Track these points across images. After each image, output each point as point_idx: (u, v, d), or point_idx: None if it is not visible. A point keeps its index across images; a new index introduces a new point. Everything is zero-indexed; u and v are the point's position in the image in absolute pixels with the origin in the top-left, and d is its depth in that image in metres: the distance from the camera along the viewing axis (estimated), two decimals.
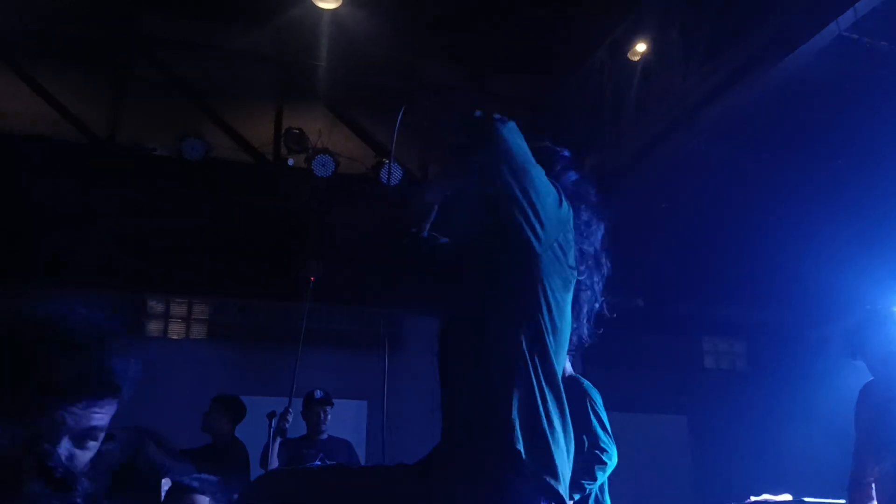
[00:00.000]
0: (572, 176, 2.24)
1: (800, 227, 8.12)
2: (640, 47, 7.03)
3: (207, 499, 2.96)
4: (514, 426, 1.81)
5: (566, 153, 2.29)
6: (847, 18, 5.18)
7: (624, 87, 7.23)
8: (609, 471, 4.19)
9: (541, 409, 1.86)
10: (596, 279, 2.23)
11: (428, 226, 2.27)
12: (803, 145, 7.30)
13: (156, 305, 8.85)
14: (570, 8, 7.39)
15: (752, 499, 7.52)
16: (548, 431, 1.84)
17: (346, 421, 6.70)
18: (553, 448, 1.83)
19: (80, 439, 1.37)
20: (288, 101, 7.90)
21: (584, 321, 2.21)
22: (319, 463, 5.30)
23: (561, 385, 1.93)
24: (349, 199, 7.71)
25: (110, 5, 7.66)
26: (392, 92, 8.30)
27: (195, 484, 3.08)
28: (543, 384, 1.90)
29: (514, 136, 1.96)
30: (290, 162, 7.58)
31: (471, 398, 1.93)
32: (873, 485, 3.63)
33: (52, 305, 1.39)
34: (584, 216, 2.19)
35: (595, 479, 4.09)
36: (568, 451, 1.89)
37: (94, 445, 1.40)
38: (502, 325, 1.94)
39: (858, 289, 6.59)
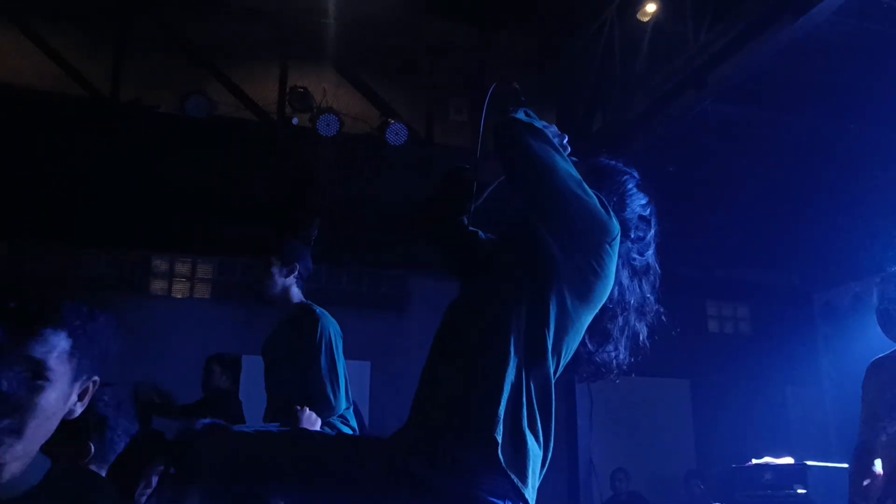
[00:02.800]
0: (641, 199, 2.24)
1: (806, 190, 8.08)
2: (650, 6, 6.95)
3: None
4: (498, 421, 1.84)
5: (635, 174, 2.28)
6: None
7: (633, 46, 7.14)
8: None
9: (525, 412, 1.88)
10: (639, 298, 2.23)
11: (473, 207, 2.26)
12: (815, 107, 7.21)
13: (160, 264, 8.84)
14: None
15: (754, 462, 7.58)
16: (528, 435, 1.87)
17: (349, 381, 6.69)
18: (528, 452, 1.86)
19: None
20: (293, 59, 7.81)
21: (622, 345, 2.23)
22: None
23: (552, 394, 1.95)
24: (353, 158, 7.66)
25: None
26: (398, 51, 8.20)
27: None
28: (533, 390, 1.92)
29: (540, 145, 1.94)
30: (295, 121, 7.52)
31: (462, 385, 1.94)
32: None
33: None
34: (643, 236, 2.22)
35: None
36: (544, 460, 1.93)
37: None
38: (507, 324, 1.94)
39: (864, 252, 6.55)
